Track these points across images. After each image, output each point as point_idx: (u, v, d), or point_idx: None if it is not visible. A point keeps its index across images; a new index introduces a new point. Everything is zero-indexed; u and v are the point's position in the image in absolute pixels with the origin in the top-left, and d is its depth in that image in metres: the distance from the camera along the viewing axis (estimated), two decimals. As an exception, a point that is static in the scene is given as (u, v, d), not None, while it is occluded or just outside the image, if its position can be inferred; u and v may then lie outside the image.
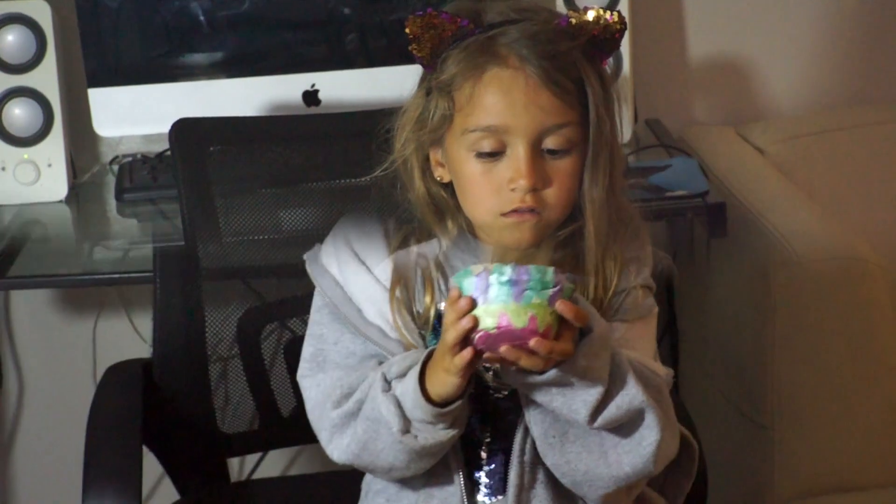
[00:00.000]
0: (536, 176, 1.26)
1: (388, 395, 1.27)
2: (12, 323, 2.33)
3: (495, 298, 1.17)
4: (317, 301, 1.39)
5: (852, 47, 2.35)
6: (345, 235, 1.38)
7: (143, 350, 2.23)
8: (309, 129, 1.76)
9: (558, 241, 1.31)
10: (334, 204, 1.77)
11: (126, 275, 1.88)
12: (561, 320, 1.19)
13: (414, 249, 1.36)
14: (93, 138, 2.20)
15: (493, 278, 1.17)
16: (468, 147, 1.28)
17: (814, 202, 1.95)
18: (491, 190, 1.28)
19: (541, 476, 1.32)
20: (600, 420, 1.24)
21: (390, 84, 1.99)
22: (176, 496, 1.74)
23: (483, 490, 1.33)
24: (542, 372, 1.21)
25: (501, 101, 1.26)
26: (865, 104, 2.34)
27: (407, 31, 1.28)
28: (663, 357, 1.37)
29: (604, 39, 1.28)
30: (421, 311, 1.33)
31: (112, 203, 2.08)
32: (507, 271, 1.17)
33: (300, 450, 2.30)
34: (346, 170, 1.71)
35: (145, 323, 2.27)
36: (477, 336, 1.18)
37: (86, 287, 2.21)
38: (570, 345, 1.19)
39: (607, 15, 1.28)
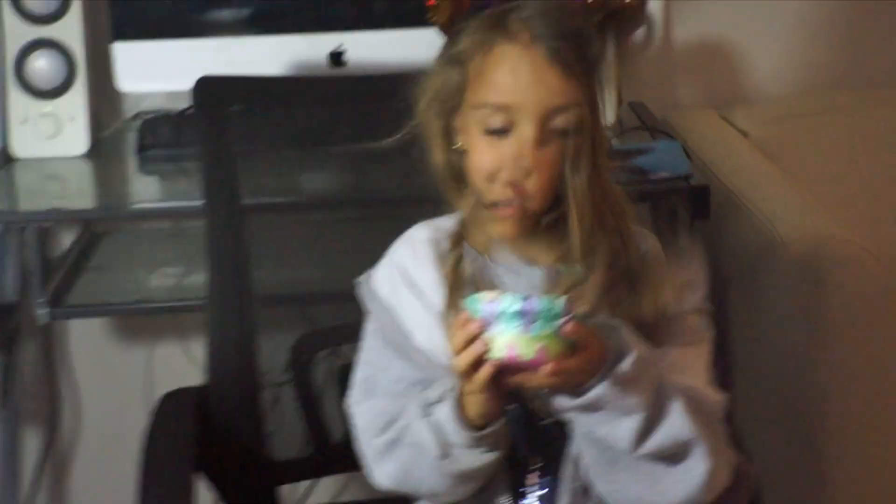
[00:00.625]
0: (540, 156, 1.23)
1: (428, 420, 1.26)
2: (69, 350, 2.32)
3: (504, 329, 1.16)
4: (368, 326, 1.37)
5: (837, 30, 2.33)
6: (398, 260, 1.35)
7: (198, 376, 2.22)
8: (334, 90, 1.72)
9: (545, 227, 1.28)
10: (357, 168, 1.75)
11: (182, 303, 1.93)
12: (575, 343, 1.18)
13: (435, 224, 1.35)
14: (115, 93, 2.15)
15: (502, 308, 1.16)
16: (477, 122, 1.26)
17: (798, 185, 1.93)
18: (493, 158, 1.25)
19: (591, 502, 1.29)
20: (645, 448, 1.22)
21: (419, 46, 1.97)
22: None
23: None
24: (576, 395, 1.20)
25: (508, 78, 1.23)
26: (850, 87, 2.33)
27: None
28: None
29: (624, 16, 1.25)
30: None
31: (133, 159, 2.05)
32: (517, 302, 1.15)
33: (350, 477, 2.28)
34: (370, 133, 1.66)
35: (199, 349, 2.24)
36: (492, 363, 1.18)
37: (142, 315, 2.23)
38: (579, 363, 1.17)
39: None
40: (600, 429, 1.22)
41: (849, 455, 1.73)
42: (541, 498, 1.31)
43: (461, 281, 1.31)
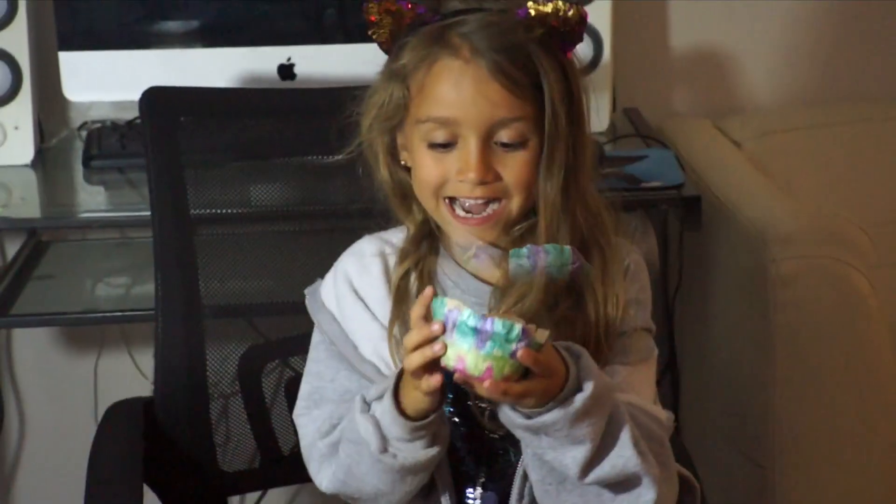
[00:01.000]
0: (485, 169, 1.24)
1: (367, 415, 1.25)
2: (13, 359, 2.32)
3: (458, 340, 1.17)
4: (315, 337, 1.38)
5: (834, 44, 2.35)
6: (345, 271, 1.35)
7: (145, 387, 2.20)
8: (283, 103, 1.73)
9: (516, 236, 1.29)
10: (306, 180, 1.75)
11: (129, 313, 1.92)
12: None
13: (383, 236, 1.36)
14: (62, 103, 2.17)
15: (460, 319, 1.16)
16: (421, 137, 1.27)
17: (790, 198, 1.94)
18: (438, 175, 1.27)
19: None
20: (591, 477, 1.22)
21: (368, 61, 1.99)
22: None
23: None
24: (527, 416, 1.20)
25: (451, 92, 1.24)
26: (845, 101, 2.34)
27: (366, 15, 1.27)
28: (664, 396, 1.36)
29: (564, 31, 1.26)
30: None
31: (79, 169, 2.06)
32: (474, 318, 1.15)
33: (300, 488, 2.29)
34: (319, 147, 1.69)
35: (146, 360, 2.26)
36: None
37: (88, 325, 2.22)
38: (527, 388, 1.17)
39: (567, 7, 1.25)
40: (547, 453, 1.22)
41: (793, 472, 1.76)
42: None
43: (407, 295, 1.32)
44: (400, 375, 1.24)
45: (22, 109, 2.04)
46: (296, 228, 1.77)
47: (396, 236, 1.36)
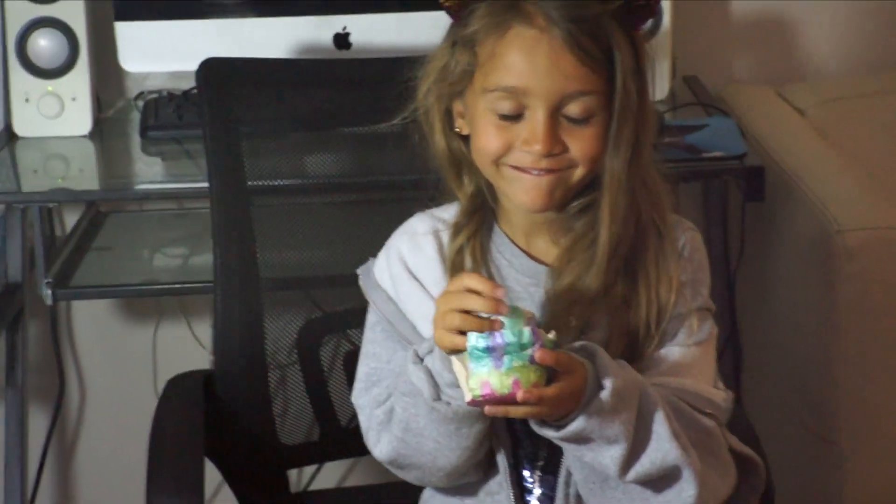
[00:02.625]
0: (553, 141, 1.23)
1: (420, 365, 1.25)
2: (74, 331, 2.33)
3: (476, 368, 1.16)
4: (370, 318, 1.37)
5: None
6: (398, 250, 1.34)
7: (203, 358, 2.26)
8: (340, 73, 1.72)
9: (571, 215, 1.28)
10: (362, 150, 1.74)
11: (187, 284, 1.94)
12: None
13: (435, 213, 1.35)
14: (118, 73, 2.17)
15: (470, 345, 1.16)
16: (487, 105, 1.25)
17: (855, 170, 1.90)
18: (501, 142, 1.25)
19: None
20: (632, 474, 1.22)
21: (423, 29, 1.98)
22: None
23: None
24: (557, 427, 1.20)
25: (523, 61, 1.22)
26: None
27: None
28: (725, 371, 1.33)
29: (638, 6, 1.24)
30: None
31: (136, 140, 2.06)
32: (482, 338, 1.15)
33: (356, 461, 2.29)
34: (375, 116, 1.66)
35: (204, 331, 2.28)
36: (467, 401, 1.19)
37: (147, 297, 2.23)
38: (559, 388, 1.17)
39: None
40: (585, 455, 1.23)
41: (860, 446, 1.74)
42: (540, 498, 1.31)
43: (462, 271, 1.31)
44: None
45: (79, 80, 2.04)
46: (353, 199, 1.76)
47: (448, 212, 1.35)
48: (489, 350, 1.15)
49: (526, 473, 1.31)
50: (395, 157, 1.69)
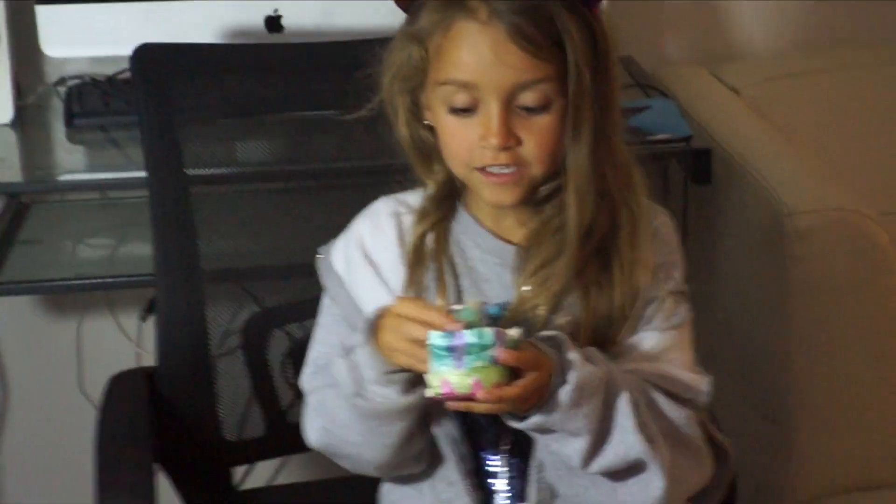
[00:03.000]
0: (507, 134, 1.21)
1: (346, 359, 1.25)
2: (-6, 325, 2.28)
3: (436, 365, 1.15)
4: (324, 301, 1.36)
5: None
6: (358, 233, 1.33)
7: (129, 352, 2.21)
8: (280, 57, 1.69)
9: (540, 199, 1.27)
10: (303, 136, 1.71)
11: (118, 279, 1.87)
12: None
13: (399, 198, 1.33)
14: (37, 58, 2.10)
15: (430, 343, 1.15)
16: (441, 100, 1.24)
17: (800, 149, 1.91)
18: (464, 145, 1.24)
19: (559, 500, 1.29)
20: (595, 466, 1.22)
21: (355, 12, 1.95)
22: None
23: (503, 499, 1.30)
24: (519, 419, 1.20)
25: (469, 56, 1.20)
26: (844, 45, 2.30)
27: None
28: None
29: None
30: None
31: (60, 128, 1.99)
32: (442, 337, 1.14)
33: (288, 458, 2.25)
34: (318, 102, 1.66)
35: (130, 324, 2.23)
36: (427, 395, 1.18)
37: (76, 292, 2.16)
38: (522, 387, 1.16)
39: None
40: (550, 445, 1.23)
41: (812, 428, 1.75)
42: (511, 482, 1.30)
43: (423, 257, 1.30)
44: (381, 315, 1.22)
45: (-1, 66, 1.97)
46: (295, 186, 1.73)
47: (413, 197, 1.34)
48: (450, 349, 1.14)
49: (491, 458, 1.30)
50: (339, 142, 1.67)
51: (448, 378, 1.14)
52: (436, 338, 1.14)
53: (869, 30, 2.33)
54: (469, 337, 1.13)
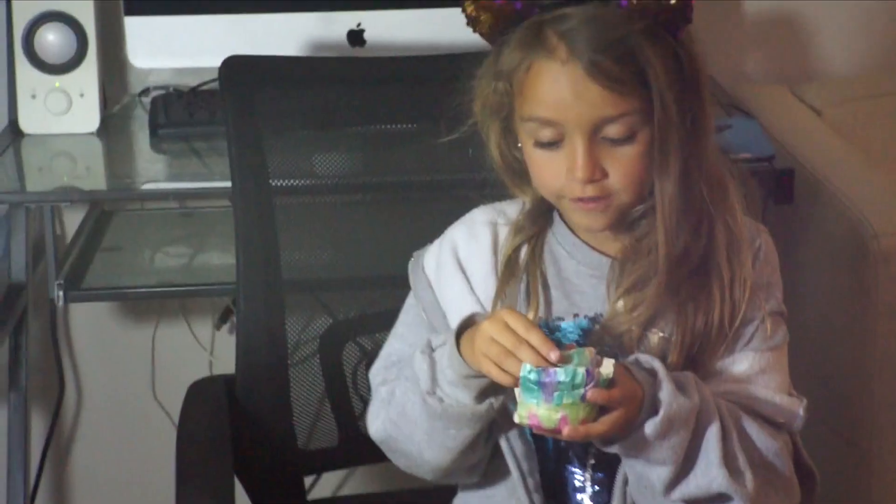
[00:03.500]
0: (593, 168, 1.22)
1: (426, 355, 1.25)
2: (71, 331, 2.30)
3: (525, 397, 1.16)
4: (409, 300, 1.37)
5: None
6: (452, 239, 1.34)
7: (202, 360, 2.24)
8: (365, 71, 1.70)
9: (632, 220, 1.27)
10: (382, 149, 1.72)
11: (197, 287, 1.91)
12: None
13: (498, 207, 1.34)
14: (122, 69, 2.13)
15: (522, 375, 1.15)
16: (528, 134, 1.25)
17: (883, 170, 1.90)
18: (552, 177, 1.25)
19: None
20: (677, 494, 1.22)
21: (438, 25, 1.96)
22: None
23: None
24: (604, 444, 1.21)
25: (550, 95, 1.22)
26: None
27: (463, 11, 1.25)
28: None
29: (668, 18, 1.21)
30: None
31: (144, 137, 2.02)
32: (536, 373, 1.15)
33: (353, 471, 2.27)
34: (400, 115, 1.67)
35: (203, 332, 2.26)
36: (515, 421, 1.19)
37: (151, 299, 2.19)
38: (609, 424, 1.17)
39: None
40: (635, 466, 1.23)
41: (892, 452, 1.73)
42: (594, 496, 1.30)
43: (516, 270, 1.30)
44: (471, 321, 1.22)
45: (88, 76, 2.00)
46: (377, 198, 1.74)
47: (512, 207, 1.35)
48: (540, 384, 1.14)
49: (576, 471, 1.30)
50: (420, 156, 1.67)
51: (536, 412, 1.15)
52: (529, 371, 1.15)
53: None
54: (562, 376, 1.14)
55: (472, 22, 1.25)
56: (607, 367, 1.16)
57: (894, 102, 2.13)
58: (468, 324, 1.23)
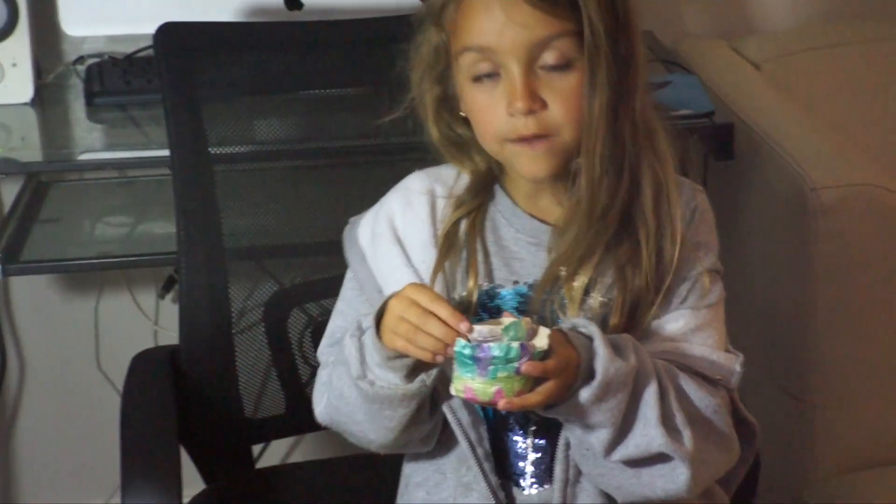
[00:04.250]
0: (531, 96, 1.21)
1: (355, 338, 1.25)
2: (12, 303, 2.28)
3: (460, 371, 1.16)
4: (347, 273, 1.36)
5: None
6: (388, 208, 1.33)
7: (147, 330, 2.23)
8: (303, 36, 1.69)
9: (575, 175, 1.25)
10: (326, 114, 1.72)
11: (139, 257, 1.88)
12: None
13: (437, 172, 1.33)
14: (55, 37, 2.11)
15: (457, 350, 1.15)
16: (466, 74, 1.24)
17: (823, 124, 1.91)
18: (494, 117, 1.24)
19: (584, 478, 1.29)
20: (617, 455, 1.22)
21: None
22: (200, 483, 1.70)
23: (529, 479, 1.31)
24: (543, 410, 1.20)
25: (482, 20, 1.21)
26: (865, 18, 2.28)
27: None
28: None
29: None
30: (463, 294, 1.28)
31: (80, 107, 2.00)
32: (469, 348, 1.14)
33: (301, 437, 2.28)
34: (339, 79, 1.67)
35: (147, 302, 2.25)
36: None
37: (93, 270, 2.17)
38: (544, 393, 1.16)
39: None
40: (573, 431, 1.23)
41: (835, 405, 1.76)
42: (536, 462, 1.31)
43: (455, 243, 1.30)
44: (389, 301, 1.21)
45: (20, 45, 1.98)
46: (318, 164, 1.74)
47: (447, 170, 1.34)
48: (475, 359, 1.15)
49: (518, 439, 1.31)
50: (362, 120, 1.66)
51: (471, 385, 1.15)
52: (463, 347, 1.15)
53: (891, 2, 2.31)
54: (496, 351, 1.14)
55: None
56: (542, 338, 1.16)
57: (833, 55, 2.14)
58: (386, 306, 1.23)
